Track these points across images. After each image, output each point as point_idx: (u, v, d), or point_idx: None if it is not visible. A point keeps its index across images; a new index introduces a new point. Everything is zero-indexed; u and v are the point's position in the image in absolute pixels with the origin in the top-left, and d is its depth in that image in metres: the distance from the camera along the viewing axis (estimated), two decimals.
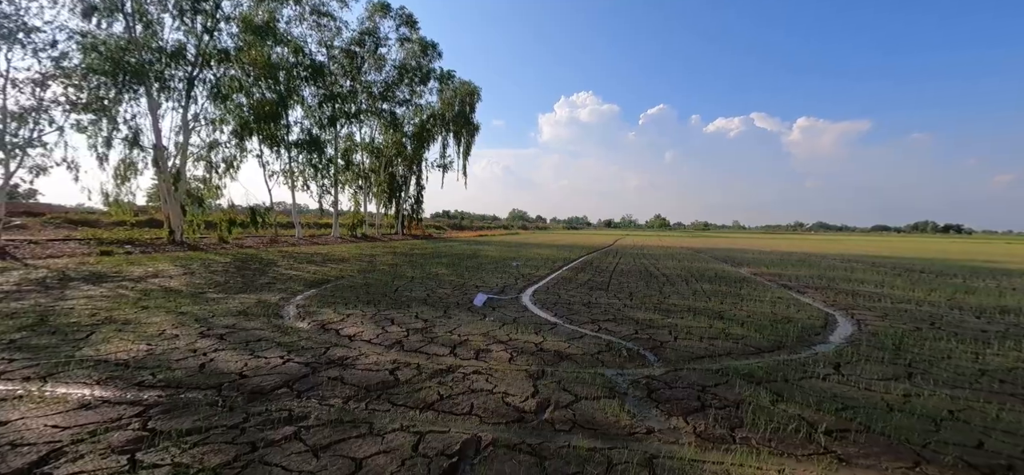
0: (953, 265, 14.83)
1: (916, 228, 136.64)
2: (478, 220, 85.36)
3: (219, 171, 17.93)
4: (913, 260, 16.97)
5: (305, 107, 22.57)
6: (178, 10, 15.51)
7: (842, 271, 12.00)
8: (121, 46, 14.21)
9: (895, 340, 4.45)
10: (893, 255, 20.49)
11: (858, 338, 4.57)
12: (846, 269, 12.63)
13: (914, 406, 2.80)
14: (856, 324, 5.28)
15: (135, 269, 8.98)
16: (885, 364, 3.68)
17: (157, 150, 15.32)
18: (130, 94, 14.73)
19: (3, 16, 11.73)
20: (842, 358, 3.82)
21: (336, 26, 23.24)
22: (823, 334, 4.77)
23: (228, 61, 17.35)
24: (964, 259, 18.45)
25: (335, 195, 24.40)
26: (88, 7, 14.24)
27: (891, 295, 7.62)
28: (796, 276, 10.61)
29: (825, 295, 7.51)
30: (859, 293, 7.76)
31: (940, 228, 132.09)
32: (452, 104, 31.16)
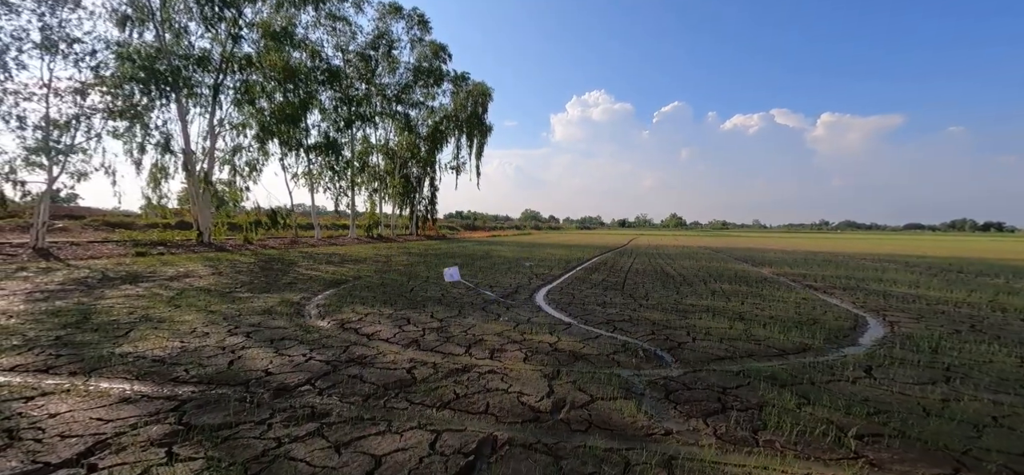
0: (994, 265, 14.00)
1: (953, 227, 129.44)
2: (491, 221, 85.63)
3: (243, 174, 18.62)
4: (950, 260, 16.11)
5: (322, 110, 23.11)
6: (203, 17, 16.14)
7: (872, 271, 11.52)
8: (152, 54, 14.85)
9: (932, 343, 4.26)
10: (928, 255, 19.52)
11: (891, 340, 4.39)
12: (877, 269, 12.11)
13: (953, 411, 2.68)
14: (888, 326, 5.07)
15: (168, 269, 9.39)
16: (921, 368, 3.53)
17: (186, 154, 15.97)
18: (161, 101, 15.40)
19: (48, 28, 12.29)
20: (874, 361, 3.68)
21: (351, 30, 23.75)
22: (852, 336, 4.60)
23: (250, 66, 17.94)
24: (1007, 259, 17.42)
25: (352, 197, 24.97)
26: (123, 17, 14.95)
27: (926, 296, 7.28)
28: (822, 276, 10.25)
29: (854, 296, 7.23)
30: (891, 294, 7.44)
31: (979, 226, 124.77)
32: (465, 105, 31.34)
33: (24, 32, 12.11)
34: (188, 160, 16.00)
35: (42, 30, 12.26)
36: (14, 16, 11.84)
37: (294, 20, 20.02)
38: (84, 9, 13.19)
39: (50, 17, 12.36)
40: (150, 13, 15.10)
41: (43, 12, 12.27)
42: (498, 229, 66.21)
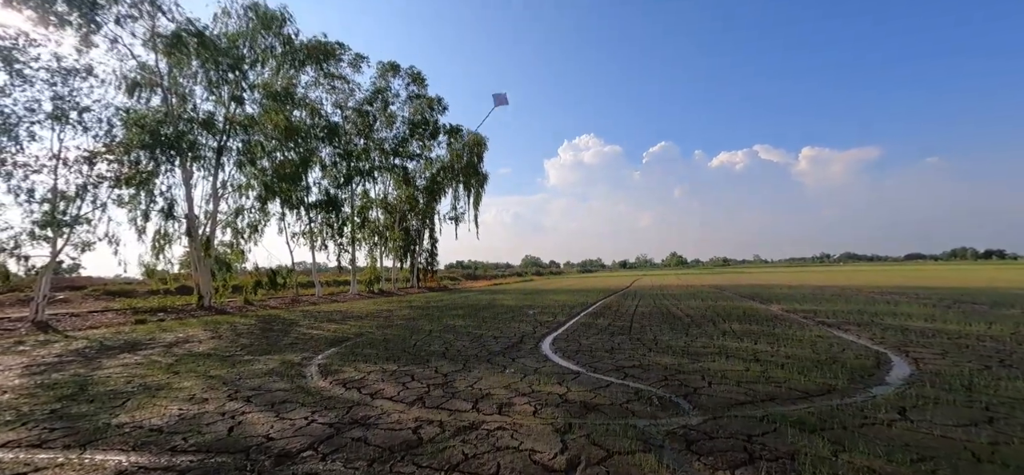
0: (1006, 295, 13.65)
1: (954, 255, 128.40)
2: (492, 269, 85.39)
3: (244, 236, 18.62)
4: (960, 291, 15.79)
5: (323, 167, 23.60)
6: (207, 81, 16.78)
7: (884, 305, 11.30)
8: (158, 119, 15.22)
9: (963, 380, 4.07)
10: (936, 286, 19.21)
11: (919, 379, 4.20)
12: (887, 303, 11.88)
13: (1006, 455, 2.52)
14: (913, 363, 4.88)
15: (167, 335, 9.24)
16: (958, 407, 3.36)
17: (189, 219, 16.08)
18: (166, 166, 15.63)
19: (59, 98, 12.50)
20: (906, 401, 3.51)
21: (349, 88, 24.72)
22: (877, 375, 4.43)
23: (253, 126, 18.44)
24: (1017, 287, 17.10)
25: (352, 253, 25.05)
26: (132, 83, 15.45)
27: (946, 330, 7.08)
28: (833, 312, 10.05)
29: (871, 332, 7.05)
30: (909, 329, 7.24)
31: (981, 254, 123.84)
32: (461, 155, 31.93)
33: (36, 103, 12.22)
34: (191, 225, 16.09)
35: (53, 99, 12.42)
36: (28, 86, 12.01)
37: (294, 81, 20.76)
38: (95, 77, 13.54)
39: (62, 86, 12.60)
40: (159, 78, 15.67)
41: (56, 82, 12.50)
42: (499, 277, 65.86)
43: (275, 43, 19.30)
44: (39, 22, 12.29)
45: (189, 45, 15.51)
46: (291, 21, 19.37)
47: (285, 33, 19.37)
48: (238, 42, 17.77)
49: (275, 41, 19.26)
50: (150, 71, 15.69)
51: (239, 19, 18.17)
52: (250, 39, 18.22)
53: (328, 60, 22.43)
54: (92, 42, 13.56)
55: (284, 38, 19.42)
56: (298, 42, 20.16)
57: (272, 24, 18.71)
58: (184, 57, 15.74)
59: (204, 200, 17.30)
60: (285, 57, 19.85)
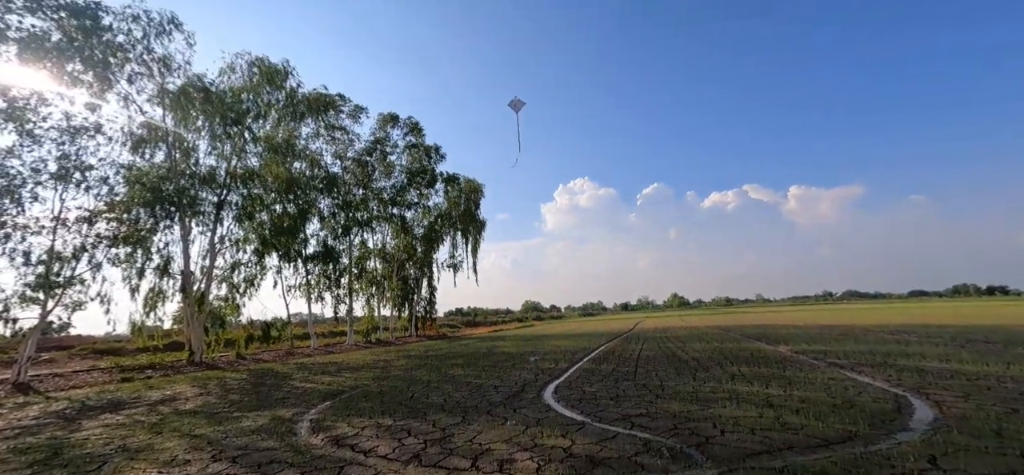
0: (1019, 333, 13.31)
1: (957, 292, 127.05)
2: (491, 315, 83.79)
3: (240, 290, 18.16)
4: (970, 328, 15.44)
5: (321, 218, 23.51)
6: (211, 135, 16.92)
7: (895, 345, 11.01)
8: (161, 175, 15.20)
9: (991, 425, 3.86)
10: (945, 324, 18.84)
11: (945, 424, 3.98)
12: (898, 342, 11.58)
13: None
14: (936, 406, 4.65)
15: (153, 393, 8.84)
16: (991, 454, 3.15)
17: (185, 276, 15.72)
18: (165, 223, 15.35)
19: (65, 157, 12.37)
20: (935, 449, 3.30)
21: (349, 138, 25.01)
22: (900, 420, 4.21)
23: (254, 179, 18.47)
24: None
25: (350, 303, 24.53)
26: (138, 140, 15.33)
27: (963, 371, 6.84)
28: (843, 352, 9.77)
29: (886, 373, 6.80)
30: (925, 370, 7.00)
31: (983, 291, 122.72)
32: (458, 203, 32.11)
33: (42, 163, 12.04)
34: (186, 281, 15.73)
35: (59, 159, 12.30)
36: (36, 146, 11.91)
37: (295, 133, 20.96)
38: (103, 135, 13.53)
39: (69, 145, 12.53)
40: (164, 134, 15.78)
41: (63, 141, 12.42)
42: (500, 323, 64.54)
43: (278, 96, 19.47)
44: (54, 80, 12.52)
45: (195, 100, 15.92)
46: (293, 74, 19.60)
47: (288, 86, 19.54)
48: (242, 96, 18.05)
49: (278, 94, 19.42)
50: (156, 127, 15.81)
51: (243, 73, 18.55)
52: (254, 93, 18.52)
53: (328, 112, 22.82)
54: (104, 99, 13.82)
55: (287, 91, 19.60)
56: (300, 95, 20.46)
57: (276, 78, 19.01)
58: (190, 112, 16.04)
59: (201, 256, 17.00)
60: (287, 109, 20.03)
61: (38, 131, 11.99)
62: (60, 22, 12.88)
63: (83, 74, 13.17)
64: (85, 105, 13.22)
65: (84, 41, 13.25)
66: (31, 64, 12.12)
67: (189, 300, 15.69)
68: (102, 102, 13.83)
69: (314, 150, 22.90)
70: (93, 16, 13.55)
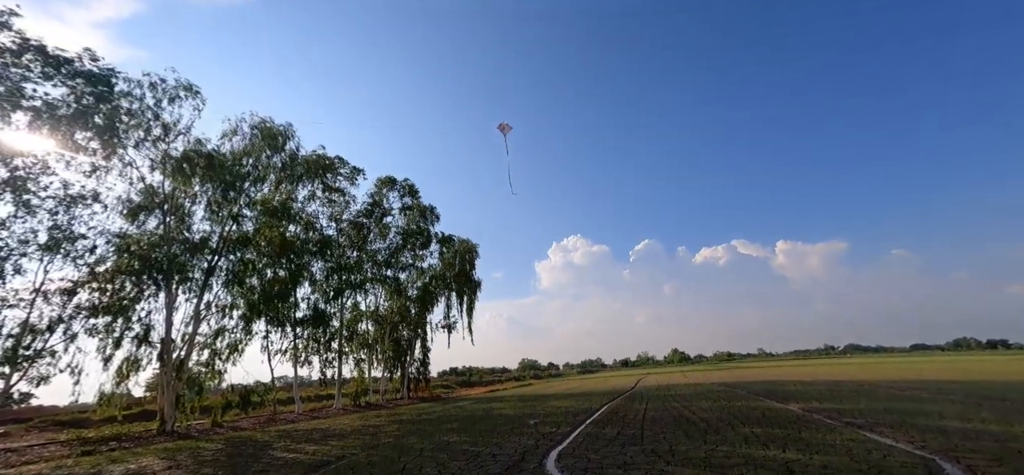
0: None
1: (958, 345, 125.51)
2: (488, 374, 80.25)
3: (222, 357, 17.16)
4: (983, 384, 14.91)
5: (313, 281, 22.76)
6: (208, 201, 16.54)
7: (909, 402, 10.57)
8: (153, 242, 14.72)
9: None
10: (955, 379, 18.26)
11: None
12: (913, 400, 11.11)
13: None
14: (969, 472, 4.31)
15: (115, 468, 8.01)
16: None
17: (165, 344, 14.84)
18: (150, 291, 14.60)
19: (57, 227, 11.91)
20: None
21: (345, 200, 24.75)
22: None
23: (247, 245, 17.95)
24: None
25: (339, 367, 23.35)
26: (135, 208, 14.88)
27: (987, 431, 6.47)
28: (858, 411, 9.33)
29: (907, 434, 6.41)
30: (948, 430, 6.62)
31: (984, 344, 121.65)
32: (453, 263, 31.71)
33: (32, 233, 11.54)
34: (165, 349, 14.80)
35: (51, 229, 11.84)
36: (29, 217, 11.49)
37: (293, 195, 20.66)
38: (100, 203, 13.21)
39: (63, 215, 12.12)
40: (162, 201, 15.41)
41: (58, 211, 12.02)
42: (496, 383, 61.58)
43: (278, 159, 19.37)
44: (61, 148, 12.39)
45: (198, 166, 15.70)
46: (294, 137, 19.70)
47: (289, 148, 19.56)
48: (242, 159, 17.91)
49: (278, 157, 19.33)
50: (154, 193, 15.48)
51: (245, 136, 18.47)
52: (255, 156, 18.41)
53: (326, 174, 22.76)
54: (107, 166, 13.75)
55: (288, 153, 19.62)
56: (300, 157, 20.50)
57: (276, 141, 18.97)
58: (192, 178, 15.79)
59: (183, 323, 16.07)
60: (285, 172, 19.96)
61: (35, 201, 11.66)
62: (74, 88, 12.97)
63: (90, 141, 13.13)
64: (85, 173, 13.06)
65: (96, 107, 13.30)
66: (39, 132, 12.04)
67: (167, 367, 14.71)
68: (106, 167, 13.72)
69: (310, 213, 22.53)
70: (107, 82, 13.70)
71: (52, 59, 12.53)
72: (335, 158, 23.46)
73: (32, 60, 12.15)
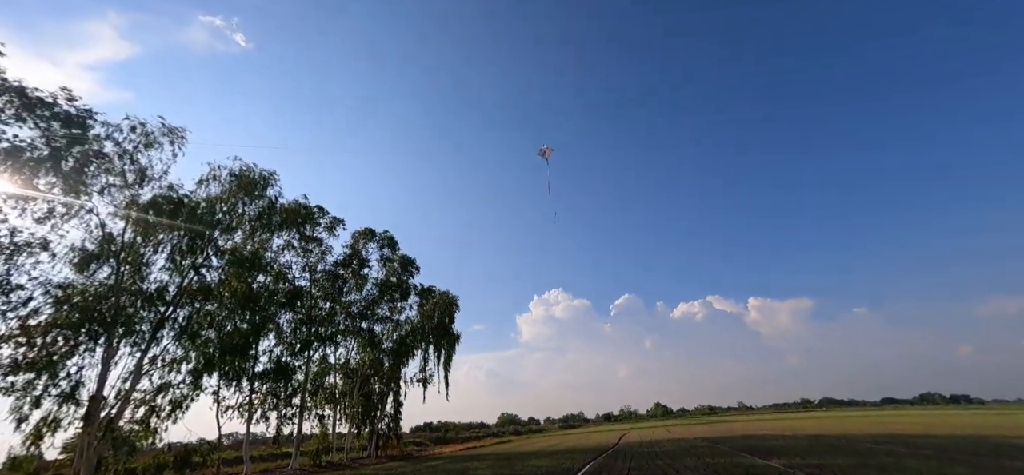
0: (998, 444, 12.99)
1: (924, 400, 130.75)
2: (465, 430, 75.47)
3: (162, 415, 15.44)
4: (954, 439, 14.98)
5: (279, 334, 21.42)
6: (170, 250, 15.42)
7: (886, 457, 10.55)
8: (100, 293, 13.58)
9: None
10: (927, 434, 18.42)
11: None
12: (889, 455, 11.09)
13: None
14: None
15: None
16: None
17: (94, 401, 13.31)
18: (89, 345, 13.31)
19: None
20: None
21: (322, 251, 23.57)
22: None
23: (208, 296, 16.80)
24: (1004, 435, 16.56)
25: (299, 423, 21.36)
26: (87, 256, 13.68)
27: None
28: (838, 466, 9.21)
29: None
30: None
31: (948, 399, 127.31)
32: (431, 316, 30.83)
33: None
34: (94, 408, 13.24)
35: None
36: None
37: (267, 244, 19.65)
38: (48, 251, 12.27)
39: (2, 265, 11.27)
40: (119, 250, 14.30)
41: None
42: (473, 439, 57.76)
43: (254, 207, 18.43)
44: (22, 189, 11.66)
45: (165, 212, 14.92)
46: (275, 184, 18.85)
47: (268, 196, 18.68)
48: (215, 207, 16.97)
49: (254, 205, 18.40)
50: (111, 241, 14.33)
51: (222, 183, 17.56)
52: (228, 204, 17.48)
53: (305, 224, 21.84)
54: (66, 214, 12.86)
55: (266, 201, 18.73)
56: (279, 205, 19.60)
57: (253, 188, 18.11)
58: (159, 224, 14.88)
59: (121, 379, 14.48)
60: (262, 219, 18.94)
61: None
62: (47, 131, 12.38)
63: (53, 188, 12.42)
64: (37, 220, 12.24)
65: (67, 150, 12.69)
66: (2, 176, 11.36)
67: (91, 428, 13.03)
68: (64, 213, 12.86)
69: (283, 263, 21.47)
70: (82, 124, 13.18)
71: (29, 100, 12.08)
72: (316, 208, 22.89)
73: (8, 102, 11.70)
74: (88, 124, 13.42)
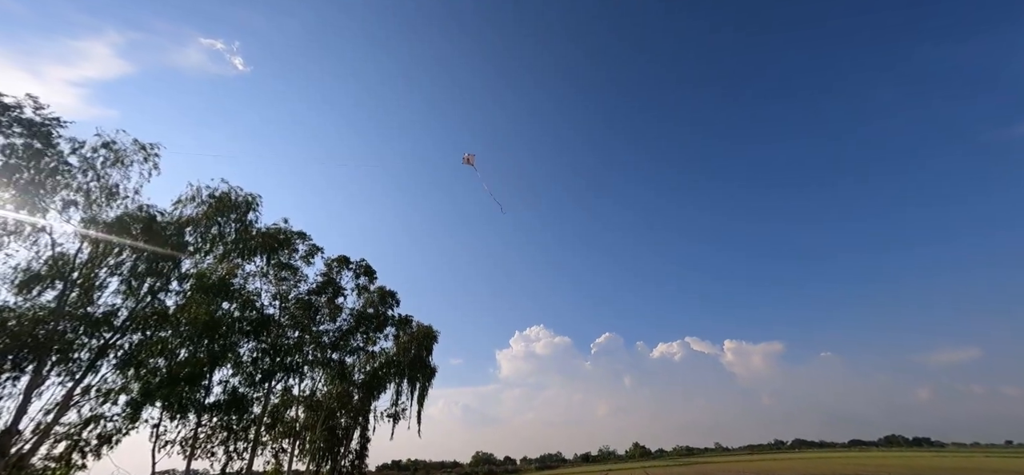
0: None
1: (889, 442, 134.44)
2: (436, 469, 71.88)
3: (87, 448, 14.49)
4: None
5: (238, 364, 20.52)
6: (130, 273, 14.76)
7: None
8: (39, 318, 12.86)
9: None
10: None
11: None
12: None
13: None
14: None
15: None
16: None
17: (5, 434, 12.38)
18: (12, 373, 12.55)
19: None
20: None
21: (296, 278, 23.07)
22: None
23: (164, 322, 16.09)
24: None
25: (250, 459, 20.14)
26: (30, 278, 12.96)
27: None
28: None
29: None
30: None
31: (911, 441, 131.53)
32: (408, 348, 29.63)
33: None
34: (4, 442, 12.35)
35: None
36: None
37: (236, 270, 19.09)
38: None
39: None
40: (69, 271, 13.59)
41: None
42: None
43: (230, 229, 18.04)
44: None
45: (129, 233, 14.35)
46: (256, 208, 18.65)
47: (247, 219, 18.42)
48: (185, 229, 16.57)
49: (231, 228, 18.03)
50: (64, 262, 13.53)
51: (198, 205, 17.26)
52: (202, 226, 17.09)
53: (281, 250, 21.35)
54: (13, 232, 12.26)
55: (244, 225, 18.41)
56: (255, 229, 19.30)
57: (229, 210, 17.80)
58: (120, 245, 14.34)
59: (43, 411, 13.55)
60: (237, 244, 18.56)
61: None
62: (8, 141, 11.88)
63: (5, 205, 11.86)
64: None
65: (27, 163, 12.15)
66: None
67: (3, 462, 12.18)
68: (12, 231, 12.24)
69: (252, 289, 20.84)
70: (45, 136, 12.68)
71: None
72: (296, 233, 22.41)
73: None
74: (52, 136, 12.86)
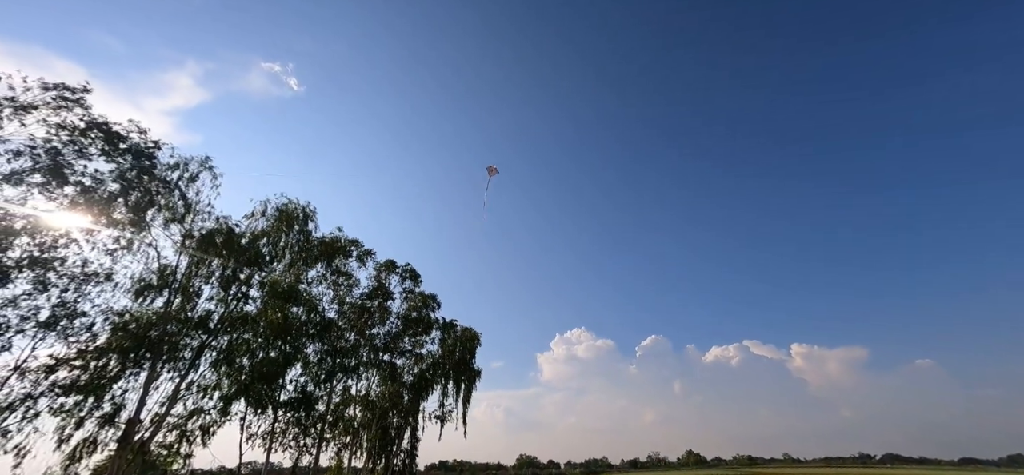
0: None
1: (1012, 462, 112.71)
2: (481, 470, 73.15)
3: (191, 439, 16.44)
4: None
5: (306, 364, 22.26)
6: (221, 281, 16.55)
7: None
8: (151, 321, 14.56)
9: None
10: None
11: None
12: None
13: None
14: None
15: None
16: None
17: (131, 424, 14.07)
18: (133, 369, 14.14)
19: (62, 305, 11.78)
20: None
21: (350, 283, 24.81)
22: None
23: (246, 325, 17.80)
24: None
25: (317, 454, 21.95)
26: (143, 286, 14.70)
27: None
28: None
29: None
30: None
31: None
32: (453, 351, 30.85)
33: (34, 310, 11.39)
34: (129, 429, 14.05)
35: (55, 306, 11.72)
36: (38, 294, 11.39)
37: (302, 277, 20.63)
38: (111, 281, 13.23)
39: (72, 292, 12.08)
40: (173, 280, 15.43)
41: (68, 289, 11.98)
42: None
43: (294, 240, 19.58)
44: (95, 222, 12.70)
45: (214, 245, 16.22)
46: (313, 218, 20.07)
47: (308, 230, 19.91)
48: (260, 241, 18.30)
49: (295, 238, 19.56)
50: (169, 273, 15.51)
51: (268, 217, 18.94)
52: (273, 238, 18.75)
53: (338, 256, 22.99)
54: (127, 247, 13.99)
55: (304, 234, 19.90)
56: (314, 238, 20.83)
57: (294, 222, 19.36)
58: (210, 257, 16.15)
59: (158, 402, 15.45)
60: (300, 254, 20.13)
61: (53, 278, 11.69)
62: (119, 165, 13.36)
63: (124, 219, 13.47)
64: (106, 251, 13.26)
65: (137, 182, 13.77)
66: (79, 208, 12.33)
67: (124, 450, 13.86)
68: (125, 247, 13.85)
69: (315, 295, 22.53)
70: (150, 157, 14.34)
71: (113, 136, 13.02)
72: (351, 241, 24.04)
73: (96, 137, 12.65)
74: (154, 155, 14.49)
